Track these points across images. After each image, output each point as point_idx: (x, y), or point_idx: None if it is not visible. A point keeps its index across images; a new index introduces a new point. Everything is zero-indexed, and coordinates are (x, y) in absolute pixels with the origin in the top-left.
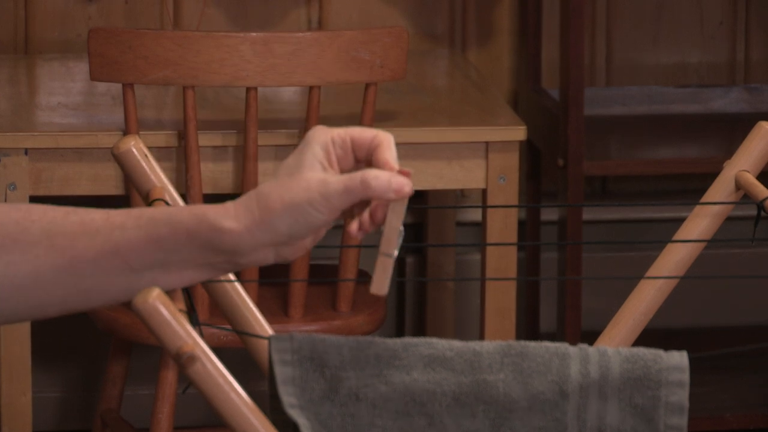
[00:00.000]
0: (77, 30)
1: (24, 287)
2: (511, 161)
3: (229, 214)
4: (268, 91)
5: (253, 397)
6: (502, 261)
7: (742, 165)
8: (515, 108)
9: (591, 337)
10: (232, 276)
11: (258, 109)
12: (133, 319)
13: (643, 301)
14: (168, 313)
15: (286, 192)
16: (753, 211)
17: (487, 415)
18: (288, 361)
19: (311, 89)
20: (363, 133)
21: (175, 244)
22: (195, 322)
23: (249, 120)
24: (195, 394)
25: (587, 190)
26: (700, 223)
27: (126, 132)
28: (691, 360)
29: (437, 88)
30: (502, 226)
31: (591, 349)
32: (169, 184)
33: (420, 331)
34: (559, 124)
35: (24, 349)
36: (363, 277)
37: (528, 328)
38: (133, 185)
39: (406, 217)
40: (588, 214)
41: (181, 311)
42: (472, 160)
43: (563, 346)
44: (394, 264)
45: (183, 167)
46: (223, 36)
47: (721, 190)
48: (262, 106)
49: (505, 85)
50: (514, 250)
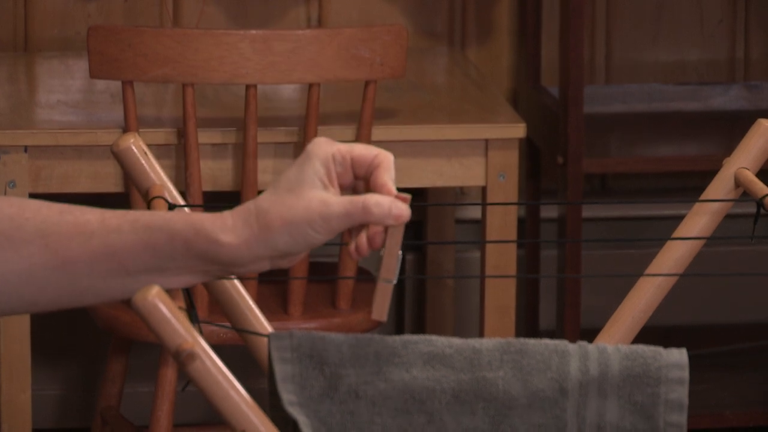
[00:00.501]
0: (77, 28)
1: (17, 284)
2: (511, 159)
3: (226, 227)
4: (267, 89)
5: (253, 394)
6: (502, 258)
7: (741, 162)
8: (515, 106)
9: (590, 334)
10: None
11: (257, 107)
12: (132, 316)
13: (643, 298)
14: (167, 310)
15: (287, 210)
16: (752, 209)
17: (486, 412)
18: (287, 358)
19: (311, 87)
20: (364, 152)
21: (171, 252)
22: (194, 319)
23: (248, 117)
24: (194, 392)
25: (587, 188)
26: (700, 220)
27: (125, 129)
28: (690, 357)
29: (437, 86)
30: (502, 224)
31: (590, 347)
32: (168, 182)
33: (420, 328)
34: (558, 121)
35: (24, 346)
36: (362, 274)
37: (527, 325)
38: (132, 183)
39: None
40: (587, 212)
41: (180, 309)
42: (472, 158)
43: (563, 344)
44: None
45: (182, 165)
46: (222, 33)
47: (720, 187)
48: (261, 103)
49: (505, 83)
50: (513, 247)
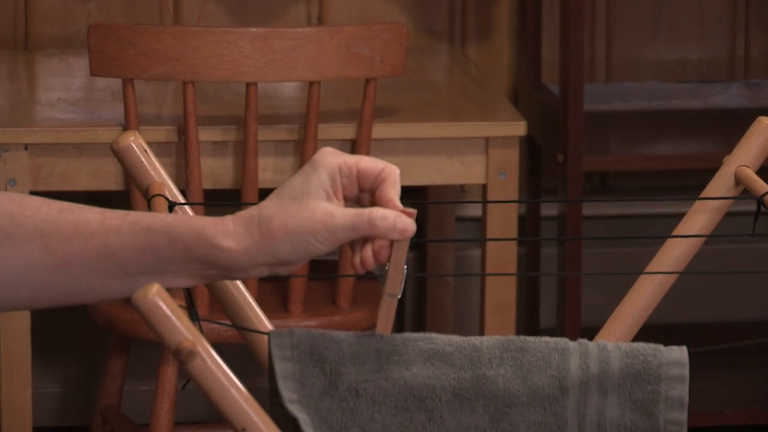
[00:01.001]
0: (77, 26)
1: (16, 283)
2: (511, 157)
3: (228, 232)
4: (268, 87)
5: (253, 392)
6: (502, 256)
7: (741, 160)
8: (515, 104)
9: (591, 332)
10: None
11: (258, 105)
12: (133, 315)
13: (643, 296)
14: (168, 308)
15: (290, 219)
16: (753, 207)
17: (486, 410)
18: (288, 356)
19: (311, 85)
20: (371, 165)
21: (171, 256)
22: (195, 317)
23: (249, 115)
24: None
25: (587, 186)
26: (700, 218)
27: (126, 127)
28: (690, 356)
29: (437, 84)
30: (502, 222)
31: (591, 344)
32: (168, 180)
33: (420, 326)
34: (559, 119)
35: (24, 345)
36: (363, 273)
37: (528, 323)
38: (132, 181)
39: None
40: (588, 210)
41: (180, 307)
42: (472, 156)
43: (563, 341)
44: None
45: (183, 163)
46: (222, 31)
47: (720, 185)
48: (261, 101)
49: (505, 81)
50: (514, 245)
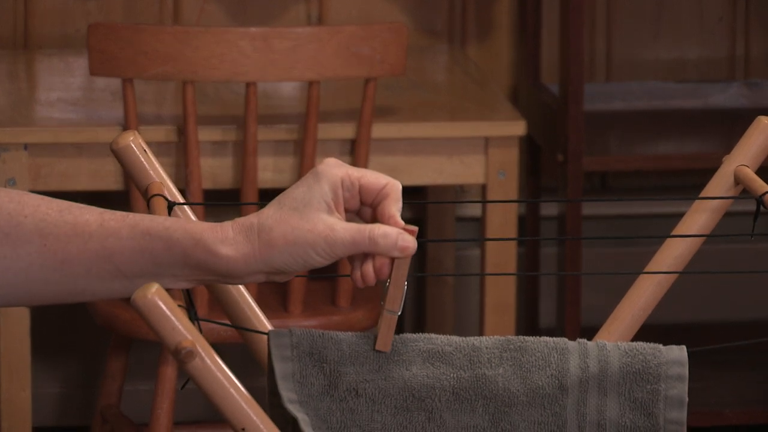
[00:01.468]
0: (76, 25)
1: (14, 281)
2: (511, 156)
3: (227, 239)
4: (267, 87)
5: (252, 392)
6: (502, 256)
7: (741, 160)
8: (515, 104)
9: (591, 332)
10: None
11: (257, 105)
12: (132, 314)
13: (642, 296)
14: (167, 308)
15: (290, 231)
16: (752, 206)
17: (486, 409)
18: (287, 356)
19: (311, 84)
20: (373, 179)
21: (169, 260)
22: (194, 317)
23: (248, 115)
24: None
25: (587, 186)
26: (699, 218)
27: (125, 127)
28: (690, 355)
29: (437, 84)
30: (502, 222)
31: (590, 344)
32: (168, 180)
33: (419, 326)
34: (558, 119)
35: (23, 345)
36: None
37: (528, 323)
38: (132, 181)
39: (407, 211)
40: (587, 210)
41: (180, 307)
42: (472, 156)
43: (562, 341)
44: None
45: (182, 162)
46: (222, 31)
47: (720, 185)
48: (261, 101)
49: (505, 80)
50: (513, 245)
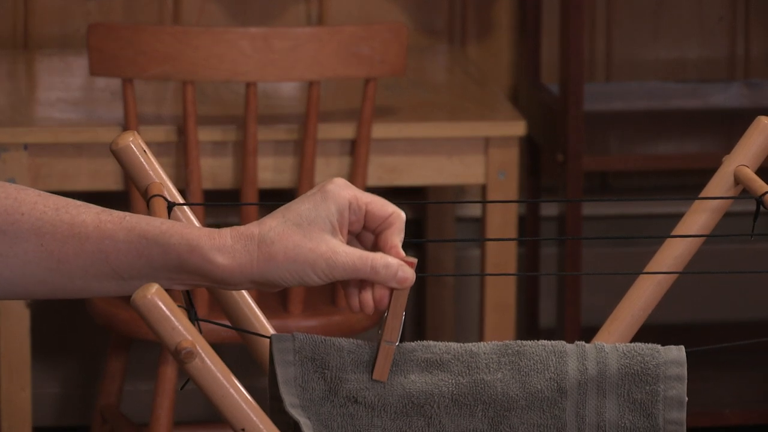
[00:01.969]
0: (76, 25)
1: (11, 279)
2: (511, 156)
3: (225, 248)
4: (267, 87)
5: (252, 392)
6: (502, 256)
7: (741, 160)
8: (515, 103)
9: (591, 332)
10: None
11: (257, 105)
12: (132, 314)
13: (642, 296)
14: (167, 308)
15: (292, 247)
16: (752, 207)
17: (485, 414)
18: (290, 361)
19: (311, 84)
20: (380, 207)
21: (165, 265)
22: (194, 317)
23: (248, 115)
24: (194, 390)
25: (587, 186)
26: (699, 218)
27: (125, 127)
28: (689, 356)
29: (437, 84)
30: (502, 222)
31: (588, 346)
32: (167, 180)
33: (420, 326)
34: (558, 119)
35: (23, 345)
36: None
37: (528, 323)
38: (131, 181)
39: (407, 211)
40: (587, 210)
41: (179, 307)
42: (472, 156)
43: (560, 344)
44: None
45: (182, 162)
46: (222, 31)
47: (720, 185)
48: (261, 101)
49: (505, 80)
50: (513, 245)
